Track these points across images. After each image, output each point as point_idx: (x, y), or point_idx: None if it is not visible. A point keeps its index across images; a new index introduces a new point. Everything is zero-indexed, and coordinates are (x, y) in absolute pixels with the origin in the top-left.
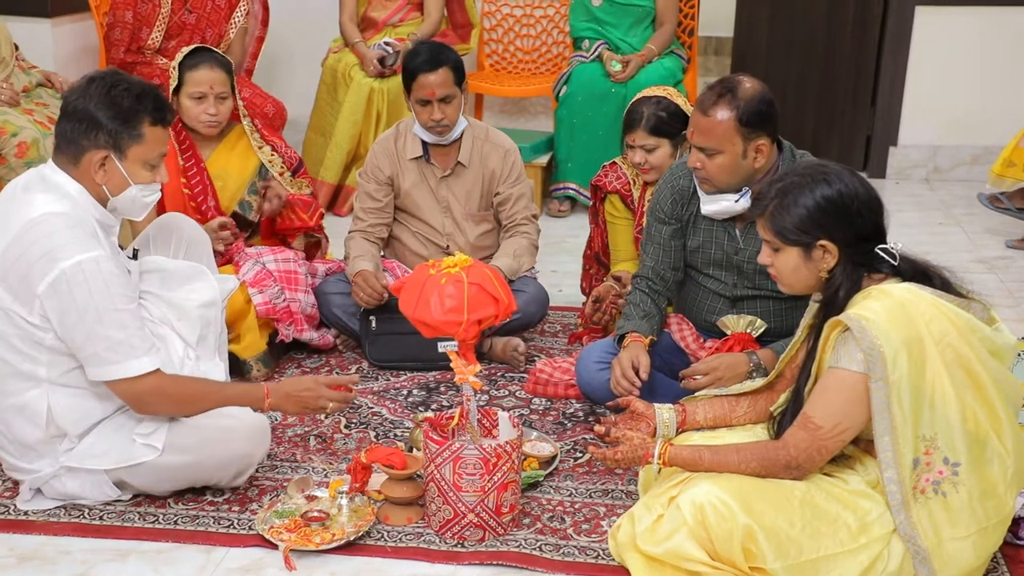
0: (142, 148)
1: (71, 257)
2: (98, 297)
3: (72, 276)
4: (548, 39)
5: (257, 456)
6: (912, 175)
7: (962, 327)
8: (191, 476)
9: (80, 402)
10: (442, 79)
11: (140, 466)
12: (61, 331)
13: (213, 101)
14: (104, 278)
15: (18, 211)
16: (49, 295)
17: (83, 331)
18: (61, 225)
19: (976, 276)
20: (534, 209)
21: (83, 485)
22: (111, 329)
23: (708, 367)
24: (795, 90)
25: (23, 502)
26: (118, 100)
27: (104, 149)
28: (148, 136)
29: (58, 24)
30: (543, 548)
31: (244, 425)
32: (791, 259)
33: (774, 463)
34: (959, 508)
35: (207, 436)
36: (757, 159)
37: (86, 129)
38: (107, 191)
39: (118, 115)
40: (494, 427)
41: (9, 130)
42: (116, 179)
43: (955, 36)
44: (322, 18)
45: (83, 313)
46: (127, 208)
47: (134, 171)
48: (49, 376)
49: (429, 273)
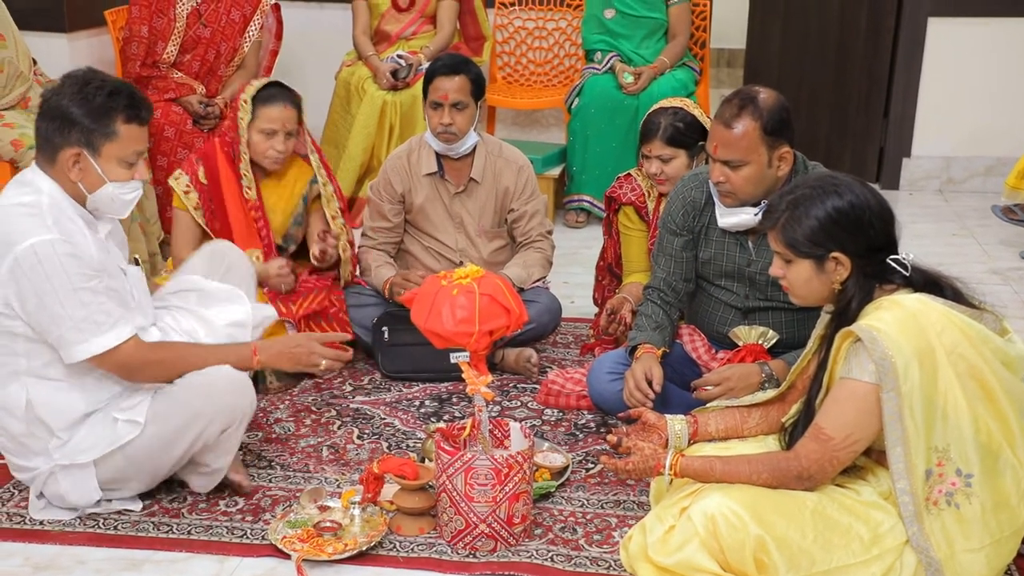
0: (116, 145)
1: (24, 240)
2: (56, 279)
3: (25, 259)
4: (560, 51)
5: (240, 407)
6: (926, 186)
7: (974, 338)
8: (181, 444)
9: (62, 395)
10: (458, 85)
11: (130, 448)
12: (26, 317)
13: (283, 138)
14: (59, 259)
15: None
16: (8, 281)
17: (46, 314)
18: (20, 213)
19: (990, 287)
20: (549, 225)
21: (72, 484)
22: (72, 309)
23: (720, 378)
24: (808, 102)
25: (36, 510)
26: (90, 97)
27: (77, 146)
28: (122, 133)
29: (75, 39)
30: (555, 559)
31: (222, 378)
32: (803, 271)
33: (785, 474)
34: (972, 520)
35: (188, 397)
36: (781, 167)
37: (59, 127)
38: (83, 188)
39: (90, 112)
40: (506, 438)
41: (26, 143)
42: (91, 177)
43: (968, 47)
44: (335, 32)
45: (42, 296)
46: (107, 206)
47: (109, 168)
48: (29, 368)
49: (441, 284)
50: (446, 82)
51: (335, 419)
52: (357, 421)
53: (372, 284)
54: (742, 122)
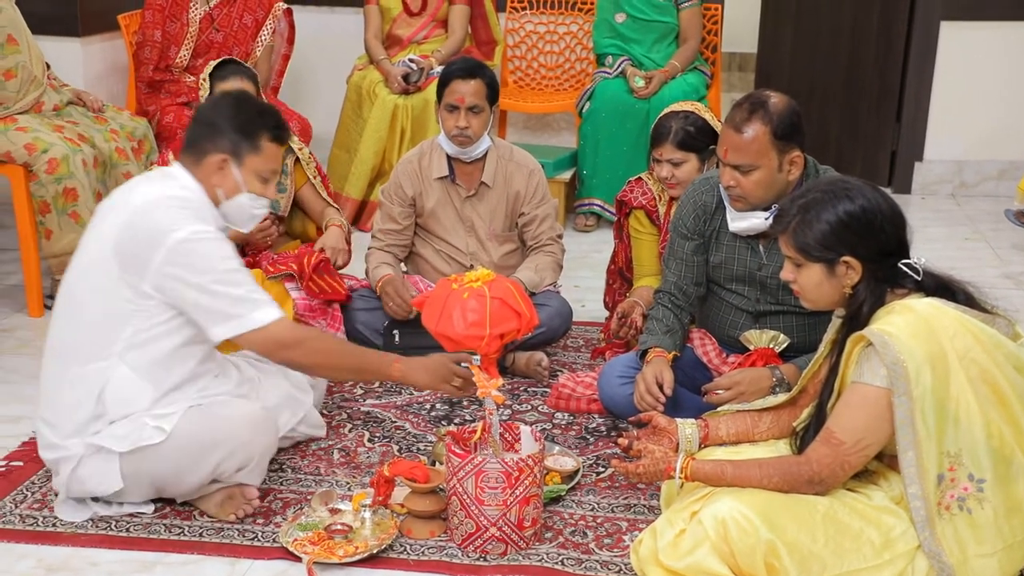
0: (258, 159)
1: (182, 229)
2: (213, 261)
3: (182, 246)
4: (571, 55)
5: (261, 445)
6: (938, 190)
7: (986, 342)
8: (196, 472)
9: (136, 385)
10: (474, 89)
11: (150, 452)
12: (181, 299)
13: None
14: (213, 245)
15: (136, 194)
16: (166, 265)
17: (205, 295)
18: (173, 204)
19: (1003, 292)
20: (559, 229)
21: (95, 470)
22: (229, 287)
23: (731, 382)
24: (819, 106)
25: (59, 504)
26: (244, 112)
27: (224, 153)
28: (265, 150)
29: (88, 43)
30: (565, 562)
31: (248, 414)
32: (814, 275)
33: (796, 478)
34: (984, 525)
35: (213, 425)
36: (791, 172)
37: (211, 134)
38: (221, 194)
39: (242, 125)
40: (516, 441)
41: (39, 147)
42: (230, 183)
43: (981, 51)
44: (347, 36)
45: (202, 275)
46: (236, 215)
47: (248, 179)
48: (122, 353)
49: (452, 287)
50: (462, 85)
51: (346, 422)
52: (368, 424)
53: (371, 280)
54: (752, 126)
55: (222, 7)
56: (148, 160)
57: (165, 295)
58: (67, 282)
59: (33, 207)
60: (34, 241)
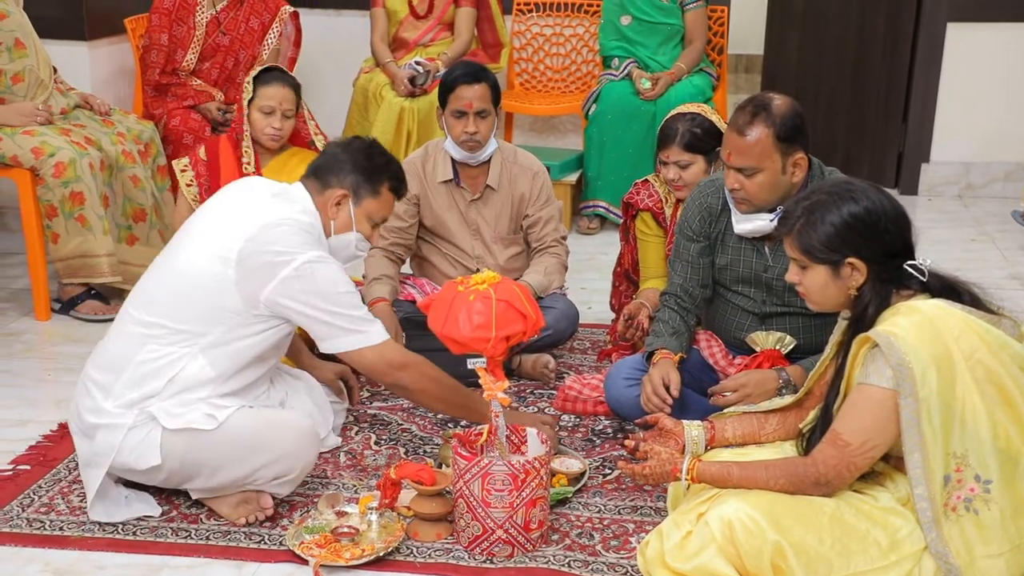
0: (375, 203)
1: (307, 252)
2: (333, 285)
3: (304, 269)
4: (578, 58)
5: (301, 460)
6: (945, 192)
7: (992, 343)
8: (234, 469)
9: (207, 377)
10: (480, 93)
11: (197, 437)
12: (297, 315)
13: (279, 117)
14: (332, 269)
15: (267, 210)
16: (289, 282)
17: (324, 312)
18: (298, 229)
19: (1009, 293)
20: (563, 231)
21: (137, 443)
22: (347, 308)
23: (737, 384)
24: (826, 107)
25: (95, 504)
26: (373, 158)
27: (346, 189)
28: (383, 197)
29: (95, 47)
30: (572, 564)
31: (298, 427)
32: (819, 277)
33: (803, 480)
34: (991, 526)
35: (261, 428)
36: (795, 174)
37: (338, 170)
38: (333, 227)
39: (367, 168)
40: (522, 443)
41: (46, 151)
42: (344, 219)
43: (987, 52)
44: (353, 39)
45: (323, 295)
46: (340, 251)
47: (360, 220)
48: (207, 345)
49: (457, 290)
50: (469, 91)
51: (352, 424)
52: (374, 427)
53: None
54: (755, 129)
55: (228, 11)
56: (155, 163)
57: (279, 311)
58: (171, 265)
59: (40, 211)
60: (41, 245)
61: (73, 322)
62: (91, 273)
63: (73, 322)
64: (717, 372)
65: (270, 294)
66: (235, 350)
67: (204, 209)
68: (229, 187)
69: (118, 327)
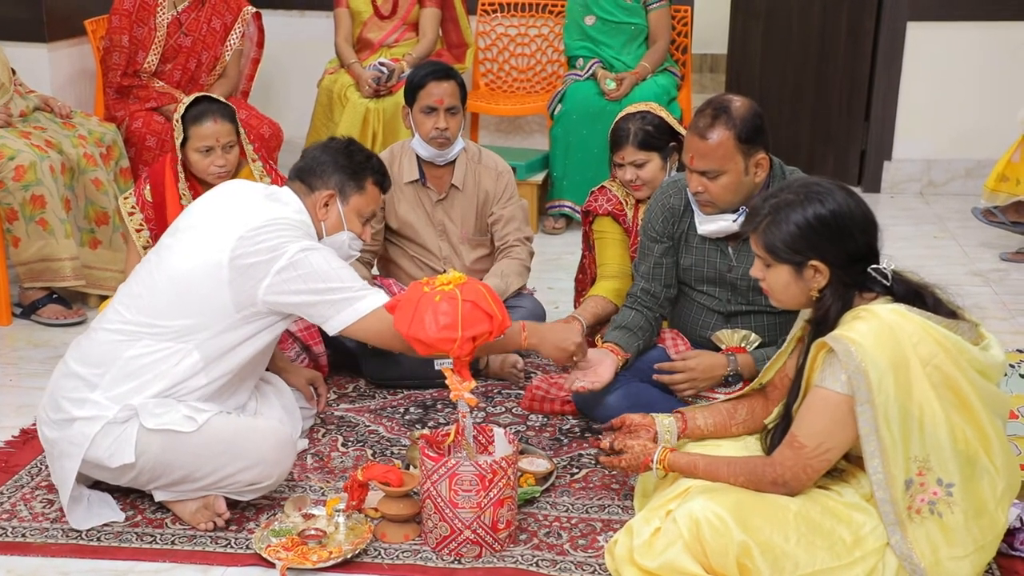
0: (362, 200)
1: (297, 243)
2: (327, 260)
3: (296, 258)
4: (543, 58)
5: (278, 467)
6: (907, 189)
7: (950, 349)
8: (209, 473)
9: (199, 373)
10: (450, 90)
11: (174, 439)
12: (299, 303)
13: (221, 152)
14: (327, 252)
15: (260, 211)
16: (284, 273)
17: (324, 292)
18: (287, 225)
19: (971, 289)
20: (528, 231)
21: (115, 440)
22: (343, 281)
23: (684, 366)
24: (790, 106)
25: (72, 509)
26: (353, 155)
27: (332, 190)
28: (369, 192)
29: (55, 49)
30: (540, 564)
31: (275, 433)
32: (782, 276)
33: (762, 478)
34: (955, 528)
35: (240, 433)
36: (758, 174)
37: (321, 172)
38: (324, 229)
39: (350, 166)
40: (490, 443)
41: (6, 154)
42: (333, 219)
43: (947, 50)
44: (317, 39)
45: (320, 275)
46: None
47: (350, 218)
48: (202, 339)
49: (423, 291)
50: (439, 87)
51: (319, 426)
52: (341, 428)
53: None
54: (716, 132)
55: (190, 11)
56: (117, 166)
57: (277, 305)
58: (163, 266)
59: (0, 215)
60: (1, 249)
61: (35, 326)
62: (54, 277)
63: (35, 326)
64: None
65: (267, 289)
66: (229, 349)
67: (193, 209)
68: (219, 188)
69: (105, 325)
